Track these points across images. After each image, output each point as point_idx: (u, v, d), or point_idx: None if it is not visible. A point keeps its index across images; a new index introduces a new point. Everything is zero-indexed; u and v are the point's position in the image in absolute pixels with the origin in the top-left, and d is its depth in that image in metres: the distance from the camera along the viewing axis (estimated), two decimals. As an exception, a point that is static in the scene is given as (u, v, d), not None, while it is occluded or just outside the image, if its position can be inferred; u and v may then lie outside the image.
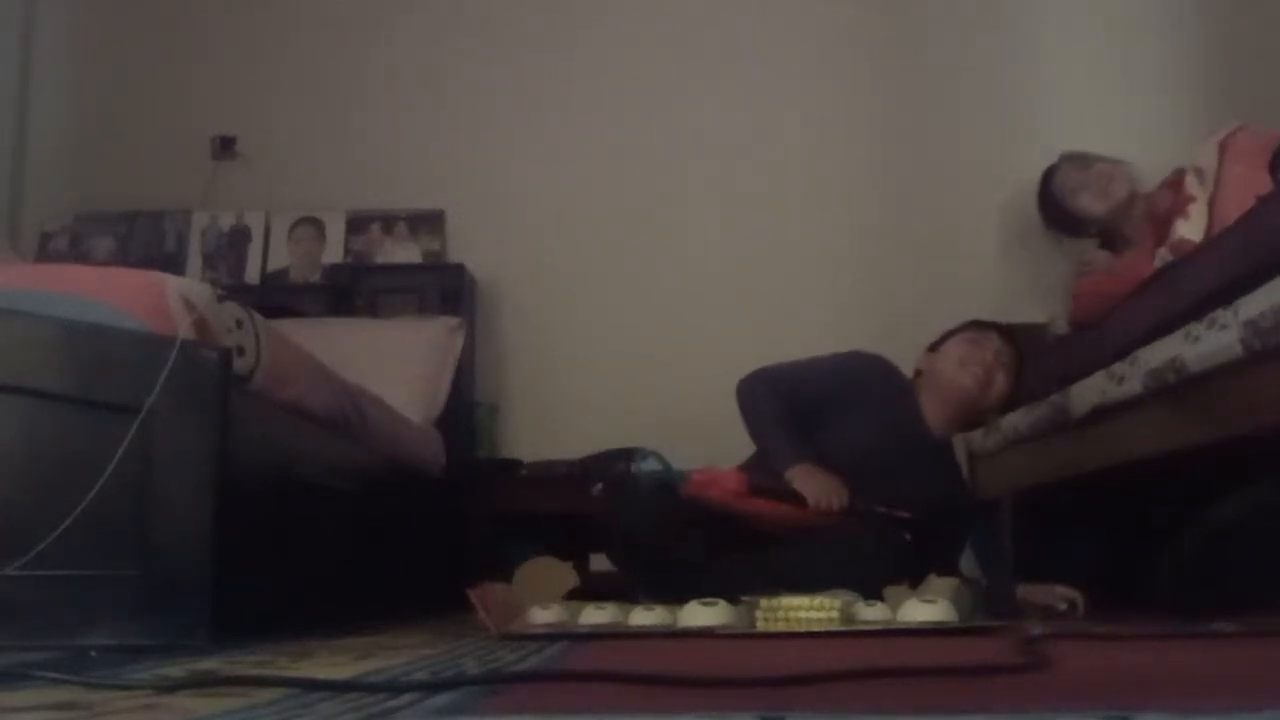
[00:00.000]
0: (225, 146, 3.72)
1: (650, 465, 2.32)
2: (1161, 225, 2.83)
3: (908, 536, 2.33)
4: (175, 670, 1.23)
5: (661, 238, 3.64)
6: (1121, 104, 3.61)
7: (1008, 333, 2.62)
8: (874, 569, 2.16)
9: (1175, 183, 2.89)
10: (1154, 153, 3.25)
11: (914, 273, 3.60)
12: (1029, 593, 2.31)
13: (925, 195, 3.65)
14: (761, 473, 2.34)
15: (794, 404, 2.44)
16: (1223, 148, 2.68)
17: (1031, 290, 3.52)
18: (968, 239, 3.62)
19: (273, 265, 3.61)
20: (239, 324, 1.80)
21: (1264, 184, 2.36)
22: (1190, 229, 2.63)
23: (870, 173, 3.68)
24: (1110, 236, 3.22)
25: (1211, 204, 2.64)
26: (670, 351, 3.54)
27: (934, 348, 2.65)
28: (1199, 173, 2.72)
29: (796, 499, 2.27)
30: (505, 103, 3.74)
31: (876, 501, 2.33)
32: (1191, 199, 2.66)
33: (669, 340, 3.56)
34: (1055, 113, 3.58)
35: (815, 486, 2.28)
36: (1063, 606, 2.24)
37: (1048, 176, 3.33)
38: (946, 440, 2.61)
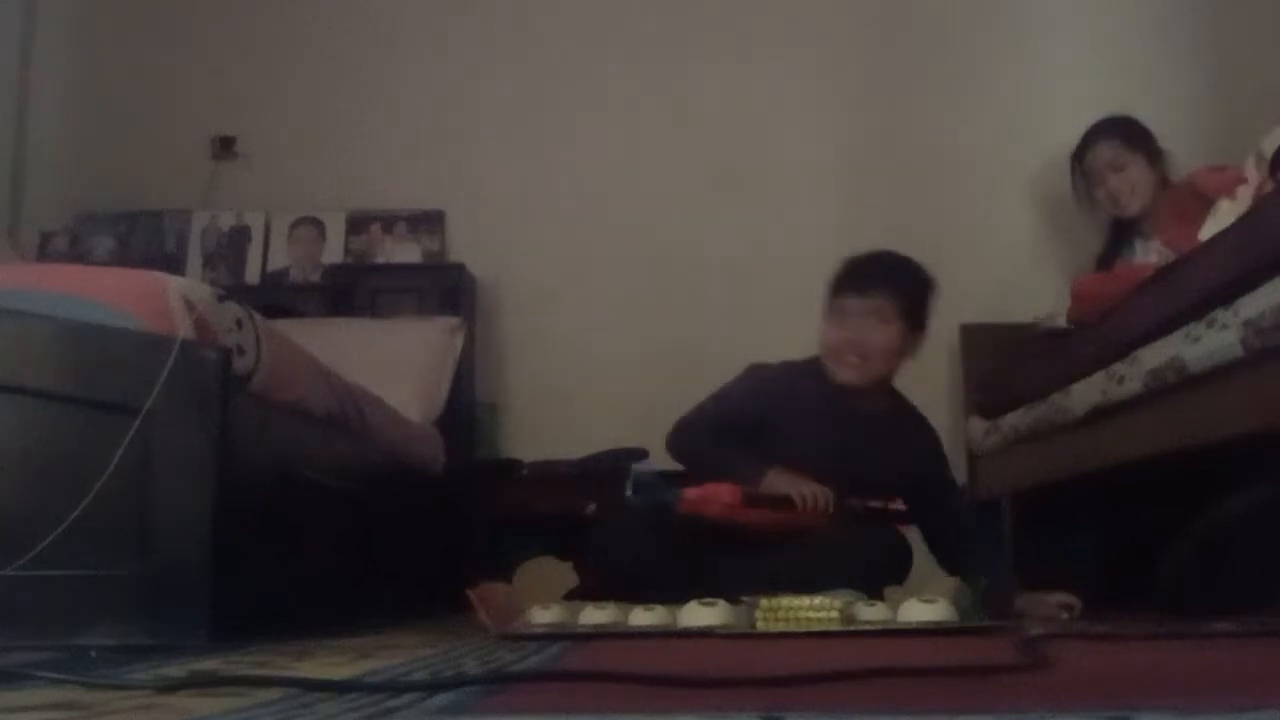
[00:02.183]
0: (225, 146, 3.72)
1: (646, 467, 2.27)
2: (1205, 203, 2.72)
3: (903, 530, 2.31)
4: (175, 670, 1.22)
5: (662, 237, 3.65)
6: (1132, 91, 3.59)
7: (863, 282, 2.39)
8: (874, 569, 2.15)
9: (1230, 168, 2.77)
10: (1171, 128, 3.25)
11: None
12: (1029, 604, 2.25)
13: (930, 195, 3.65)
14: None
15: (726, 437, 2.36)
16: None
17: (1034, 287, 3.52)
18: (970, 237, 3.61)
19: (273, 265, 3.61)
20: (239, 324, 1.80)
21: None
22: (1233, 210, 2.55)
23: (874, 172, 3.67)
24: (1121, 229, 3.20)
25: (1259, 191, 2.56)
26: (671, 351, 3.53)
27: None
28: (1260, 157, 2.61)
29: (791, 503, 2.25)
30: (505, 103, 3.74)
31: (864, 498, 2.32)
32: (1243, 181, 2.58)
33: (670, 340, 3.56)
34: (1060, 106, 3.56)
35: (797, 486, 2.25)
36: (1064, 616, 2.21)
37: (1085, 144, 3.24)
38: (885, 403, 2.45)
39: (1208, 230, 2.48)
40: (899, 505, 2.32)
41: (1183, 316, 2.06)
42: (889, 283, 2.37)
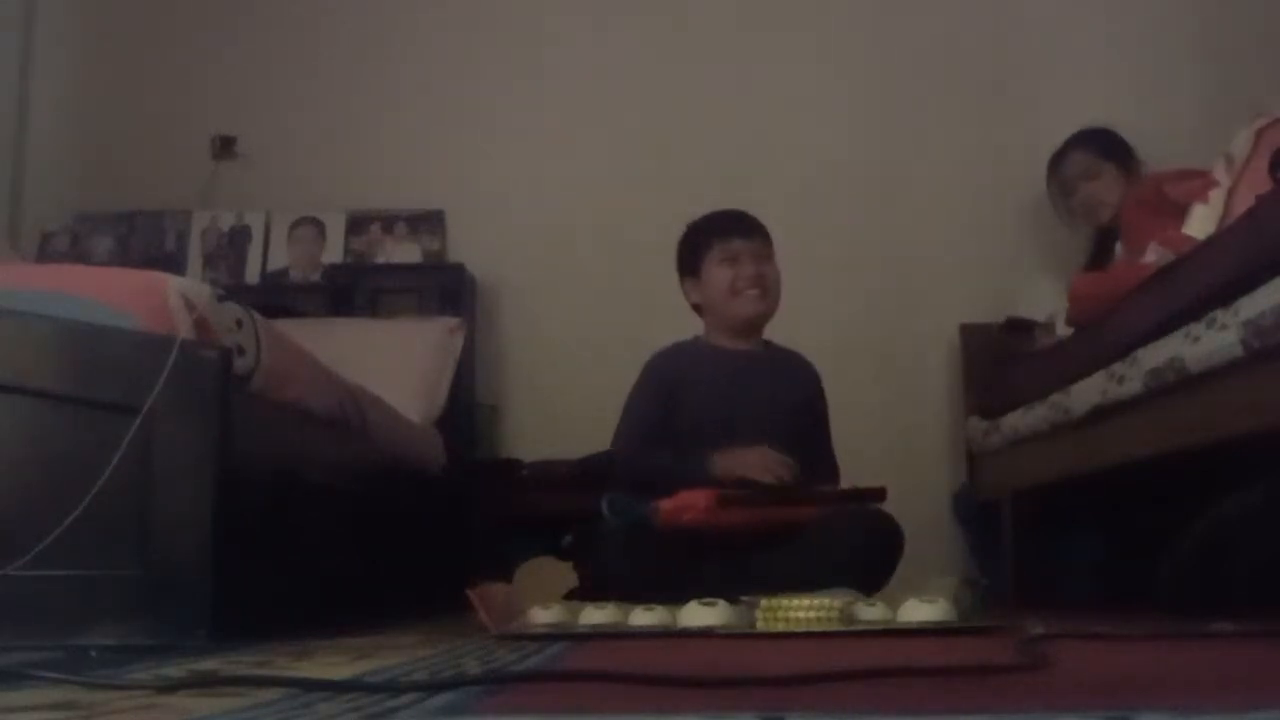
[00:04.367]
0: (225, 146, 3.71)
1: (618, 499, 2.24)
2: (1158, 214, 2.76)
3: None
4: (175, 670, 1.23)
5: (663, 237, 3.63)
6: (1131, 95, 3.60)
7: (745, 225, 2.56)
8: (866, 564, 2.15)
9: (1187, 170, 2.79)
10: (1170, 133, 3.26)
11: (920, 272, 3.60)
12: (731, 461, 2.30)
13: (931, 195, 3.65)
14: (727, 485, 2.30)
15: (663, 445, 2.42)
16: (1259, 136, 2.59)
17: (1034, 287, 3.52)
18: (971, 238, 3.62)
19: (273, 265, 3.61)
20: (239, 324, 1.80)
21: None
22: (1207, 215, 2.57)
23: (876, 174, 3.67)
24: (1104, 235, 3.23)
25: (1231, 193, 2.57)
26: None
27: (689, 272, 2.60)
28: (1229, 159, 2.64)
29: (769, 495, 2.26)
30: (505, 103, 3.73)
31: (842, 485, 2.35)
32: (1215, 184, 2.60)
33: (671, 340, 3.55)
34: (1061, 109, 3.56)
35: (750, 463, 2.28)
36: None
37: (1059, 156, 3.29)
38: (764, 348, 2.58)
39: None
40: (876, 488, 2.33)
41: (1183, 316, 2.06)
42: (763, 228, 2.56)
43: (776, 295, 2.54)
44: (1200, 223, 2.53)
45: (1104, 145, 3.22)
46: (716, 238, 2.55)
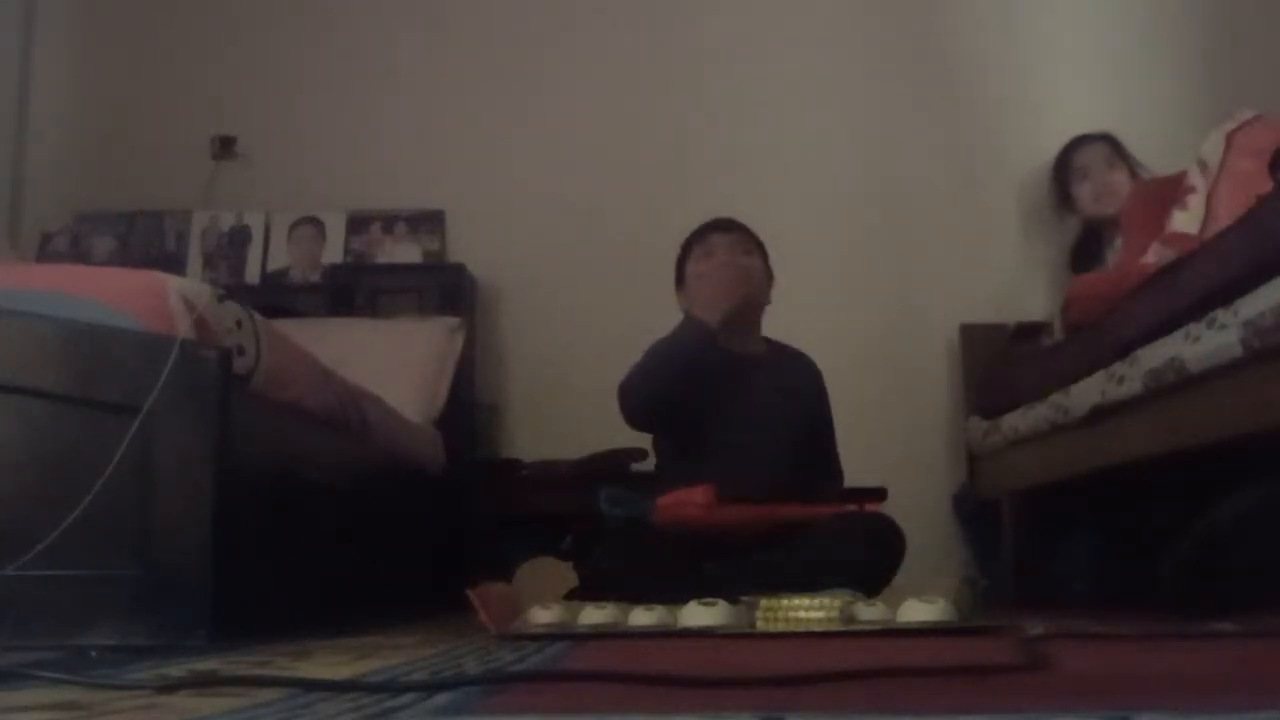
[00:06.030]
0: (225, 146, 3.72)
1: (616, 493, 2.25)
2: (1157, 216, 2.78)
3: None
4: (175, 670, 1.23)
5: (663, 237, 3.63)
6: (1134, 91, 3.61)
7: (724, 223, 2.61)
8: (866, 565, 2.15)
9: (1179, 174, 2.83)
10: (1165, 139, 3.28)
11: (920, 272, 3.60)
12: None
13: (931, 195, 3.65)
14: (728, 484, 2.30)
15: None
16: (1229, 139, 2.62)
17: (1034, 287, 3.53)
18: (970, 238, 3.62)
19: (273, 265, 3.61)
20: (239, 324, 1.80)
21: (1266, 182, 2.34)
22: (1187, 220, 2.59)
23: (875, 173, 3.67)
24: (1093, 228, 3.27)
25: (1210, 197, 2.59)
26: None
27: (679, 285, 2.63)
28: (1203, 164, 2.66)
29: (768, 499, 2.26)
30: (505, 102, 3.73)
31: (843, 491, 2.35)
32: (1191, 189, 2.61)
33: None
34: (1060, 111, 3.57)
35: (712, 282, 2.38)
36: None
37: (1076, 144, 3.34)
38: (764, 347, 2.59)
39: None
40: (877, 488, 2.34)
41: (1183, 316, 2.06)
42: (744, 227, 2.61)
43: (759, 286, 2.53)
44: (1182, 228, 2.55)
45: (1121, 148, 3.31)
46: (695, 241, 2.61)
